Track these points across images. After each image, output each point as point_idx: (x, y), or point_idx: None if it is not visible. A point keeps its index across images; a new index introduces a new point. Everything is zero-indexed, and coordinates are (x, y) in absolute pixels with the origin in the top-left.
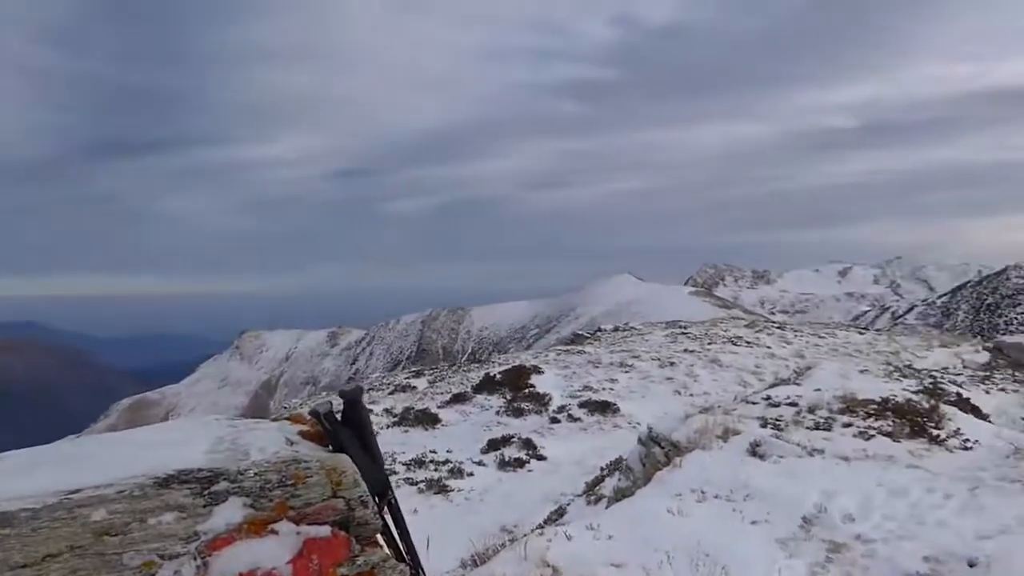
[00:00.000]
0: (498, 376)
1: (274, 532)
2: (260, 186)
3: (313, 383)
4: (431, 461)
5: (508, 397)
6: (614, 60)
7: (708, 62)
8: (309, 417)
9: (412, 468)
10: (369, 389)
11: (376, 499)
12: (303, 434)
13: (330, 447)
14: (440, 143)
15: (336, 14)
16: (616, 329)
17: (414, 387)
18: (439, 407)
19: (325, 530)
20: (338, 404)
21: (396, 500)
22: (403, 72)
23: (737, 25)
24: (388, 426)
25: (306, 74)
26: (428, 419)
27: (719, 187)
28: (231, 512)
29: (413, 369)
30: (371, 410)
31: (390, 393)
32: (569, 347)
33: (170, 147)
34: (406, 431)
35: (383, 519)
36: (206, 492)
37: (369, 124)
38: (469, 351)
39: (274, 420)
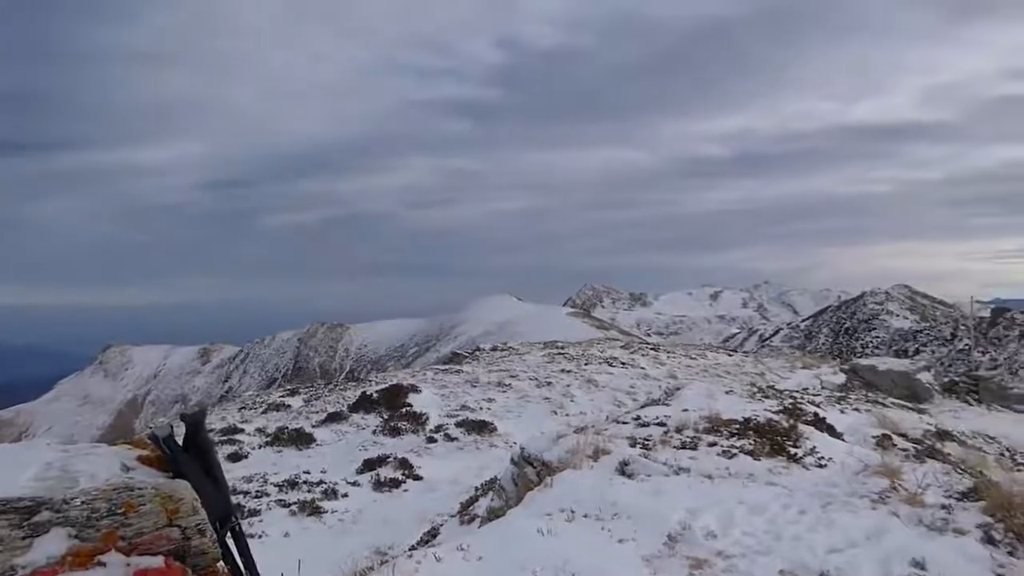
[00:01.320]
0: (375, 395)
1: (101, 564)
2: (132, 194)
3: (183, 402)
4: (304, 482)
5: (385, 416)
6: (499, 81)
7: (591, 87)
8: (149, 441)
9: (284, 489)
10: (242, 408)
11: (219, 526)
12: (142, 459)
13: (170, 473)
14: (324, 157)
15: (219, 19)
16: (494, 348)
17: (288, 406)
18: (314, 426)
19: (158, 560)
20: (182, 427)
21: (240, 526)
22: (289, 83)
23: (620, 53)
24: (260, 446)
25: (184, 79)
26: (302, 439)
27: (599, 210)
28: (53, 544)
29: (288, 387)
30: (243, 429)
31: (263, 412)
32: (447, 366)
33: (34, 150)
34: (279, 451)
35: (225, 546)
36: (26, 523)
37: (251, 134)
38: (347, 369)
39: (113, 444)
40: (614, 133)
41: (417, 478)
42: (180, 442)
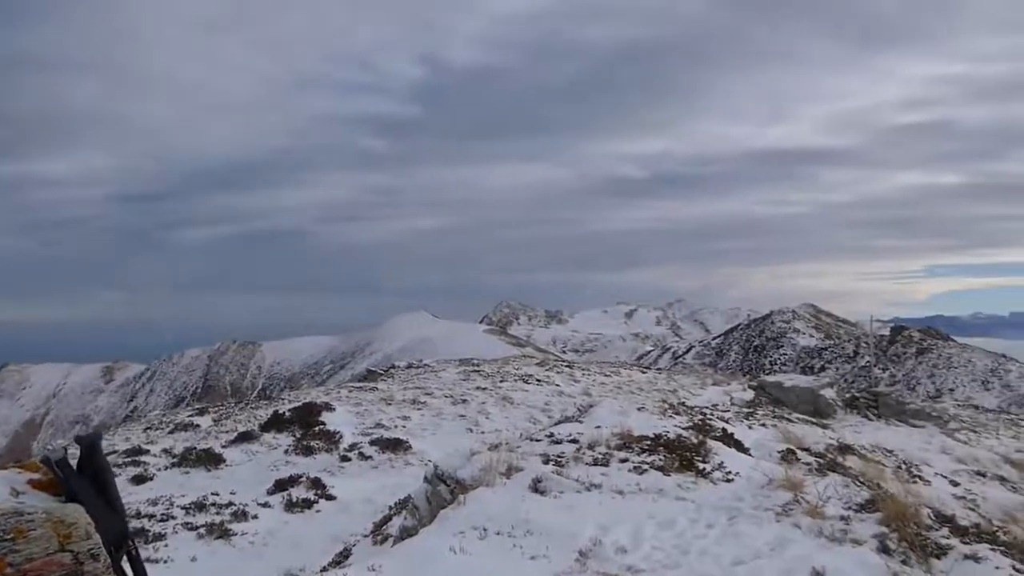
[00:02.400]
0: (287, 414)
1: None
2: (32, 206)
3: (84, 422)
4: (213, 504)
5: (297, 435)
6: (420, 98)
7: (512, 106)
8: (42, 464)
9: (192, 512)
10: (147, 428)
11: (114, 550)
12: (33, 483)
13: (63, 497)
14: (238, 171)
15: (128, 28)
16: (410, 366)
17: (197, 425)
18: (224, 446)
19: None
20: (78, 450)
21: (137, 550)
22: (203, 95)
23: (540, 73)
24: (167, 468)
25: (91, 89)
26: (211, 459)
27: (517, 227)
28: None
29: (197, 406)
30: (148, 450)
31: (170, 432)
32: (362, 384)
33: None
34: (186, 473)
35: (121, 571)
36: None
37: (163, 147)
38: (260, 387)
39: (3, 468)
40: (534, 152)
41: (330, 498)
42: (75, 465)
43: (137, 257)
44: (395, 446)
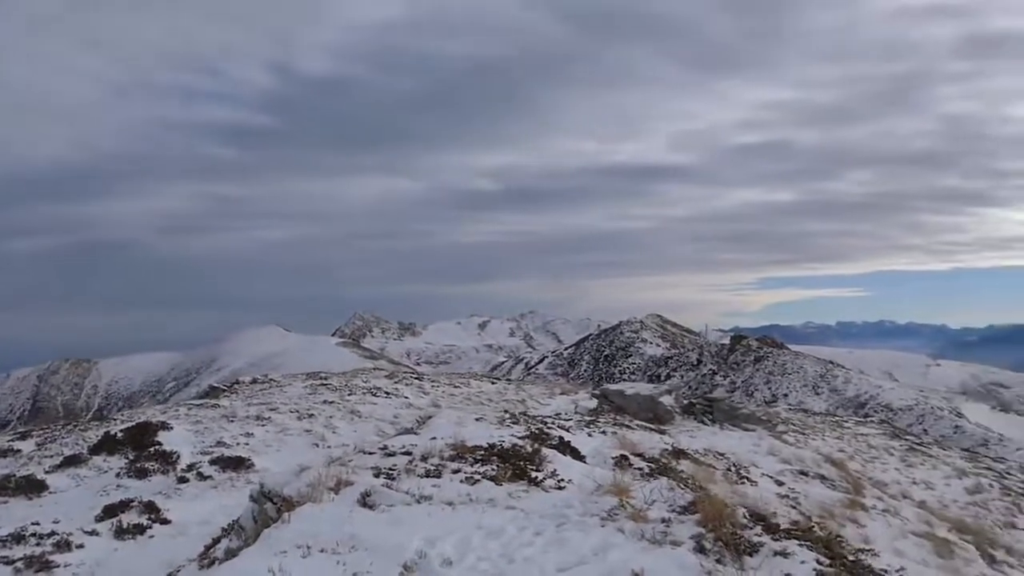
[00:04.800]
0: (120, 434)
1: None
2: None
3: None
4: (33, 535)
5: (131, 457)
6: (270, 107)
7: (365, 117)
8: None
9: (9, 544)
10: None
11: None
12: None
13: None
14: (69, 178)
15: None
16: (254, 381)
17: (18, 450)
18: (47, 472)
19: None
20: None
21: None
22: (31, 99)
23: (394, 85)
24: None
25: None
26: (32, 487)
27: (371, 240)
28: None
29: (19, 431)
30: None
31: None
32: (203, 401)
33: None
34: (4, 502)
35: None
36: None
37: None
38: (96, 407)
39: None
40: (386, 164)
41: (165, 522)
42: None
43: None
44: (237, 464)
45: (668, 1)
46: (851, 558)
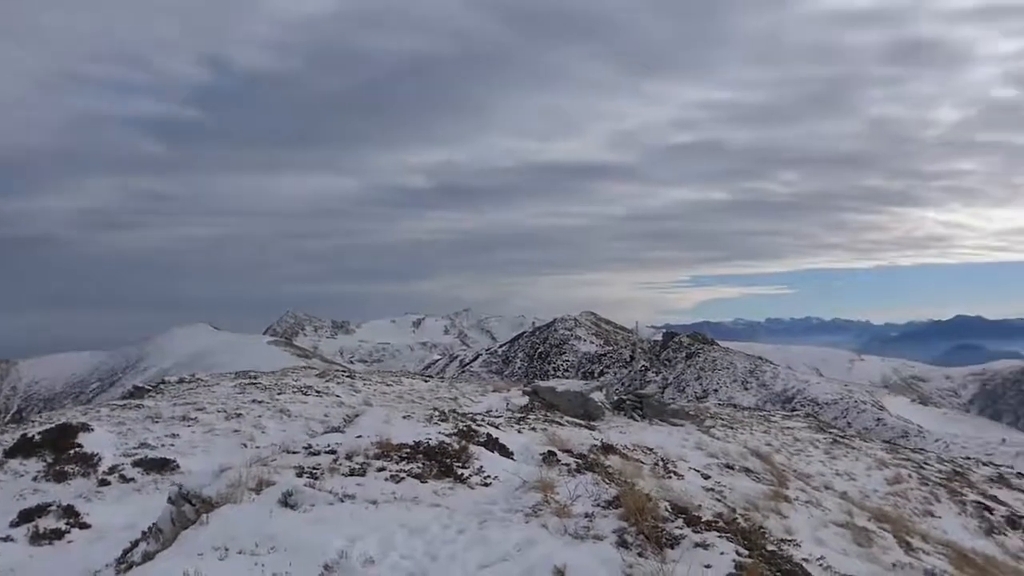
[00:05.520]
0: (38, 437)
1: None
2: None
3: None
4: None
5: (49, 460)
6: (200, 101)
7: (299, 113)
8: None
9: None
10: None
11: None
12: None
13: None
14: None
15: None
16: (181, 381)
17: None
18: None
19: None
20: None
21: None
22: None
23: (326, 82)
24: None
25: None
26: None
27: (304, 237)
28: None
29: None
30: None
31: None
32: (127, 401)
33: None
34: None
35: None
36: None
37: None
38: (14, 409)
39: None
40: (320, 160)
41: (85, 526)
42: None
43: None
44: (161, 466)
45: (606, 4)
46: (771, 548)
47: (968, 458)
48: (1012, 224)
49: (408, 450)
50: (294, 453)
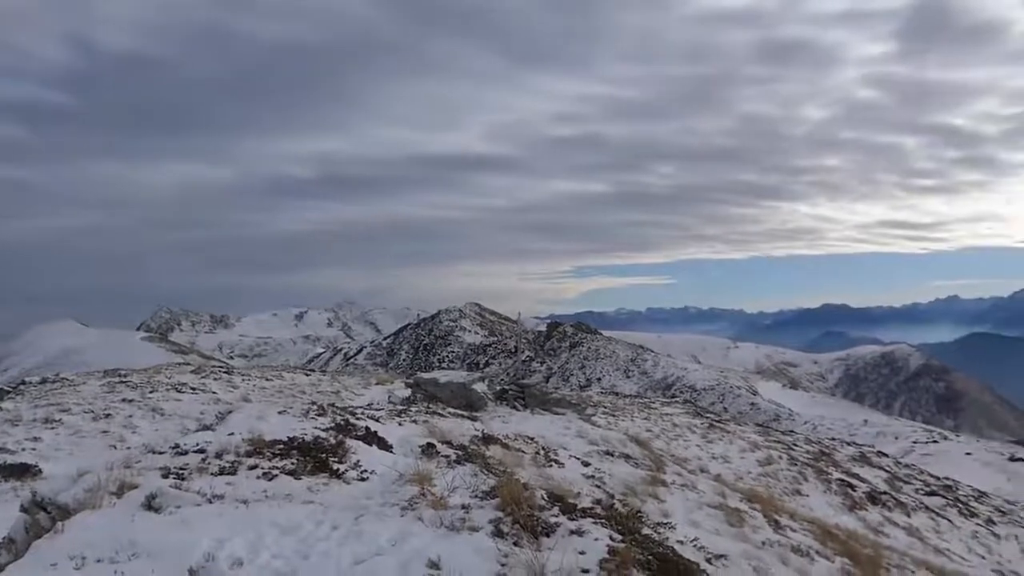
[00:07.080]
0: None
1: None
2: None
3: None
4: None
5: None
6: (65, 84)
7: (169, 99)
8: None
9: None
10: None
11: None
12: None
13: None
14: None
15: None
16: (44, 381)
17: None
18: None
19: None
20: None
21: None
22: None
23: (201, 67)
24: None
25: None
26: None
27: (177, 228)
28: None
29: None
30: None
31: None
32: None
33: None
34: None
35: None
36: None
37: None
38: None
39: None
40: (193, 149)
41: None
42: None
43: None
44: (21, 472)
45: None
46: (646, 532)
47: (833, 439)
48: (872, 218)
49: (282, 446)
50: (160, 453)
